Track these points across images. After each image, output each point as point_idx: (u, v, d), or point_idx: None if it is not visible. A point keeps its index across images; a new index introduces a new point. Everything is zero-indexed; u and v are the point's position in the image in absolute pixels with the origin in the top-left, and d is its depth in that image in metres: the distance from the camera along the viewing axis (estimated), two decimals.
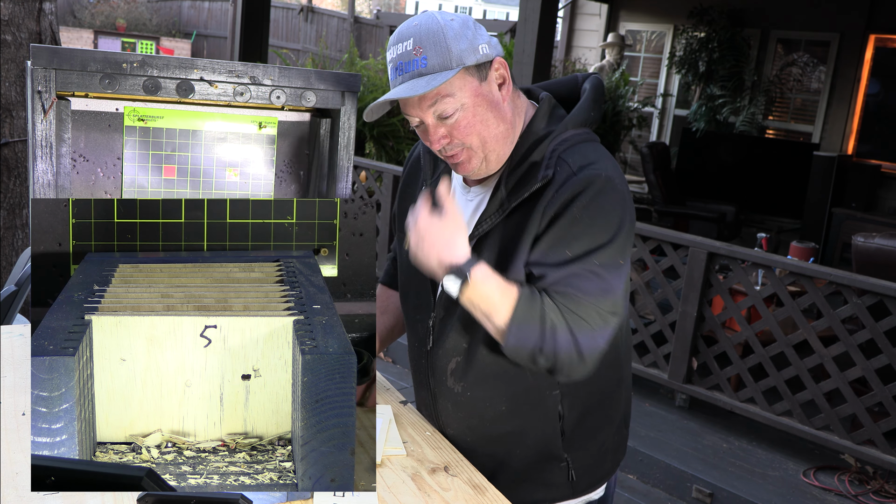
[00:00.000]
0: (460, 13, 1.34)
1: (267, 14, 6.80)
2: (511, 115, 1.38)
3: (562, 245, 1.31)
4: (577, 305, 1.28)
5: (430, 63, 1.29)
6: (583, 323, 1.28)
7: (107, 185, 1.63)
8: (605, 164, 1.34)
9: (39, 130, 1.47)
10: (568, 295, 1.29)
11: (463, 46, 1.30)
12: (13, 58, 3.25)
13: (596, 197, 1.30)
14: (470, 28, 1.32)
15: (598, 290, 1.29)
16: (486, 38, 1.34)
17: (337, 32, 13.49)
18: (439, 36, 1.30)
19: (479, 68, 1.33)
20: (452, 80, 1.30)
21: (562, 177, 1.32)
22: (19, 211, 3.35)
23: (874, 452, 3.33)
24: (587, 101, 1.43)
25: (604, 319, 1.30)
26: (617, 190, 1.32)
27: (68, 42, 12.00)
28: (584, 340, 1.29)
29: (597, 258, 1.29)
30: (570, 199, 1.30)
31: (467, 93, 1.32)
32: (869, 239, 3.64)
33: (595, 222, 1.30)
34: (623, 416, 1.58)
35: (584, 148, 1.37)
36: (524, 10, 4.97)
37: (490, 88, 1.34)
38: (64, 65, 1.46)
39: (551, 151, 1.36)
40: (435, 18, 1.32)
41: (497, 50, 1.35)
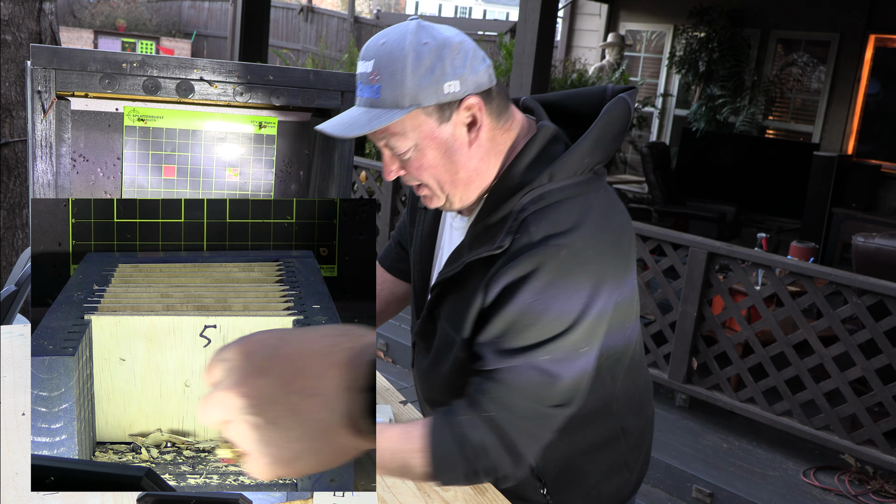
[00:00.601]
0: (445, 34, 1.14)
1: (267, 14, 6.81)
2: (482, 157, 1.19)
3: (507, 334, 1.13)
4: (512, 402, 1.12)
5: (383, 95, 1.12)
6: (518, 422, 1.12)
7: (107, 185, 1.63)
8: (581, 232, 1.12)
9: (39, 130, 1.47)
10: (504, 390, 1.12)
11: (423, 83, 1.11)
12: (13, 58, 3.25)
13: (554, 280, 1.10)
14: (442, 60, 1.11)
15: (541, 384, 1.12)
16: (461, 71, 1.12)
17: (337, 32, 13.49)
18: (398, 66, 1.11)
19: (440, 108, 1.13)
20: (404, 119, 1.13)
21: (517, 247, 1.12)
22: (19, 211, 3.35)
23: (874, 452, 3.32)
24: (589, 141, 1.18)
25: (543, 415, 1.13)
26: (587, 264, 1.12)
27: (68, 42, 12.00)
28: (522, 441, 1.13)
29: (545, 353, 1.11)
30: (520, 278, 1.11)
31: (421, 134, 1.15)
32: (869, 239, 3.64)
33: (549, 311, 1.10)
34: (624, 462, 1.38)
35: (563, 209, 1.14)
36: (524, 10, 4.97)
37: (452, 131, 1.15)
38: (64, 65, 1.46)
39: (519, 210, 1.15)
40: (403, 42, 1.12)
41: (478, 82, 1.15)
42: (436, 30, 1.15)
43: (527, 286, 1.10)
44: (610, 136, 1.21)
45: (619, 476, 1.37)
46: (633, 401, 1.35)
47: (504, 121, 1.21)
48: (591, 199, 1.17)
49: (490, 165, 1.20)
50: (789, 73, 7.81)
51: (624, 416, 1.33)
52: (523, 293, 1.10)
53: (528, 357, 1.11)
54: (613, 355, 1.24)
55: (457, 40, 1.14)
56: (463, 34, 1.18)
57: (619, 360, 1.26)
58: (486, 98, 1.17)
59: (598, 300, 1.13)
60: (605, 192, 1.22)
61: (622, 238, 1.19)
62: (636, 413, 1.36)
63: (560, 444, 1.28)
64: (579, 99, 1.30)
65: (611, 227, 1.18)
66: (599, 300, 1.13)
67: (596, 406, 1.27)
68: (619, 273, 1.18)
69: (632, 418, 1.35)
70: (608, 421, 1.31)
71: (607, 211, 1.19)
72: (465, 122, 1.16)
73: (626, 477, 1.38)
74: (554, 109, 1.31)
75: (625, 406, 1.33)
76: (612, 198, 1.23)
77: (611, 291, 1.15)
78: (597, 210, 1.17)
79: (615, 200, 1.24)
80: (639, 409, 1.37)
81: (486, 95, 1.17)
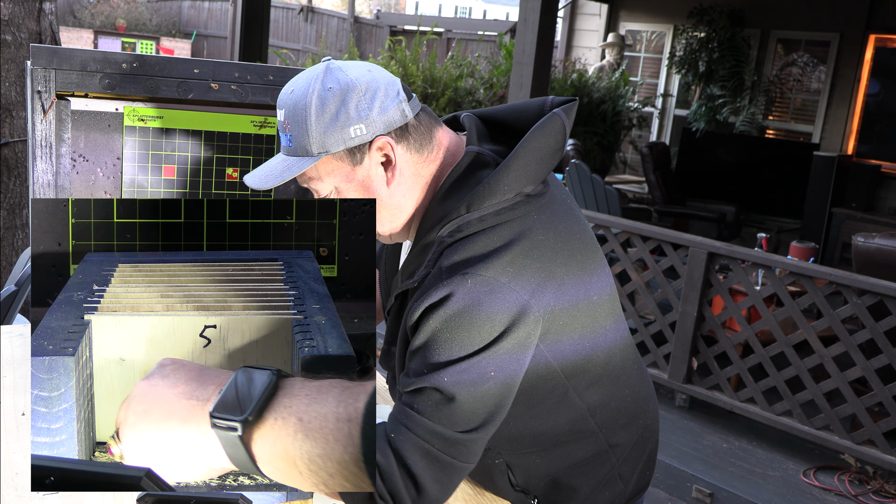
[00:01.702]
0: (351, 77, 1.13)
1: (267, 14, 6.82)
2: (405, 193, 1.18)
3: (414, 358, 1.12)
4: (412, 424, 1.09)
5: (294, 144, 1.14)
6: (419, 446, 1.08)
7: (106, 185, 1.63)
8: (494, 261, 1.09)
9: (39, 130, 1.47)
10: (405, 412, 1.10)
11: (328, 130, 1.11)
12: (13, 58, 3.24)
13: (461, 312, 1.07)
14: (346, 104, 1.11)
15: (439, 405, 1.08)
16: (366, 113, 1.12)
17: (337, 32, 13.49)
18: (302, 116, 1.12)
19: (350, 153, 1.13)
20: (317, 165, 1.14)
21: (429, 279, 1.11)
22: (19, 211, 3.35)
23: (874, 452, 3.33)
24: (512, 165, 1.14)
25: (447, 439, 1.09)
26: (499, 292, 1.08)
27: (68, 42, 12.00)
28: (420, 466, 1.08)
29: (447, 375, 1.07)
30: (429, 307, 1.09)
31: (338, 177, 1.16)
32: (869, 239, 3.64)
33: (455, 338, 1.08)
34: (618, 475, 1.33)
35: (478, 240, 1.11)
36: (524, 10, 4.97)
37: (368, 172, 1.15)
38: (64, 65, 1.46)
39: (438, 243, 1.14)
40: (307, 90, 1.12)
41: (388, 122, 1.13)
42: (343, 72, 1.14)
43: (434, 315, 1.08)
44: (538, 158, 1.16)
45: (613, 488, 1.33)
46: (619, 413, 1.30)
47: (428, 152, 1.19)
48: (516, 226, 1.13)
49: (415, 198, 1.19)
50: (789, 73, 7.82)
51: (609, 430, 1.28)
52: (431, 321, 1.09)
53: (429, 379, 1.08)
54: (570, 366, 1.19)
55: (363, 81, 1.13)
56: (376, 71, 1.16)
57: (583, 371, 1.21)
58: (399, 135, 1.15)
59: (515, 326, 1.09)
60: (539, 214, 1.16)
61: (556, 256, 1.15)
62: (624, 426, 1.31)
63: (540, 462, 1.27)
64: (518, 114, 1.26)
65: (540, 250, 1.13)
66: (517, 326, 1.09)
67: (567, 424, 1.24)
68: (555, 288, 1.14)
69: (620, 431, 1.30)
70: (589, 437, 1.27)
71: (538, 235, 1.14)
72: (380, 162, 1.16)
73: (621, 488, 1.34)
74: (495, 125, 1.28)
75: (607, 420, 1.28)
76: (552, 219, 1.18)
77: (539, 310, 1.11)
78: (524, 236, 1.13)
79: (556, 220, 1.18)
80: (628, 422, 1.32)
81: (401, 132, 1.15)
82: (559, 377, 1.19)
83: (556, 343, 1.16)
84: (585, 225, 1.27)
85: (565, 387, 1.21)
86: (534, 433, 1.24)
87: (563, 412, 1.23)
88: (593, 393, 1.24)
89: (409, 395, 1.12)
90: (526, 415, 1.22)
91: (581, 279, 1.19)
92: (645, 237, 3.95)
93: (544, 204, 1.18)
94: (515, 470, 1.29)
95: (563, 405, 1.22)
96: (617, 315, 1.28)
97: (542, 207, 1.17)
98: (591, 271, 1.21)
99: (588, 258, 1.21)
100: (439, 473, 1.10)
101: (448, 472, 1.10)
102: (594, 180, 5.45)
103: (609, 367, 1.26)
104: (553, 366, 1.17)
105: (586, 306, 1.19)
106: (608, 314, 1.25)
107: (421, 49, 8.07)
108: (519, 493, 1.31)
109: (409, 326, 1.13)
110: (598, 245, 1.28)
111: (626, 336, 1.32)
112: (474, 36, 11.27)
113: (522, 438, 1.25)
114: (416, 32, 9.03)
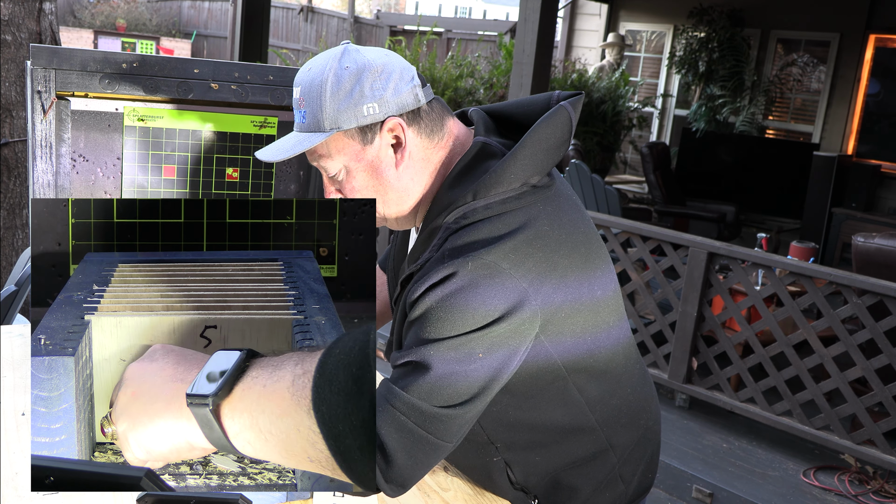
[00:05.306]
0: (368, 58, 1.16)
1: (267, 14, 6.82)
2: (413, 176, 1.20)
3: (409, 333, 1.13)
4: (390, 394, 1.09)
5: (308, 120, 1.17)
6: (393, 416, 1.08)
7: (106, 185, 1.63)
8: (497, 247, 1.10)
9: (39, 130, 1.47)
10: (386, 385, 1.11)
11: (342, 106, 1.14)
12: (13, 58, 3.24)
13: (457, 292, 1.08)
14: (361, 83, 1.14)
15: (421, 377, 1.08)
16: (381, 93, 1.14)
17: (337, 32, 13.50)
18: (318, 91, 1.15)
19: (362, 131, 1.16)
20: (328, 141, 1.17)
21: (432, 264, 1.12)
22: (19, 211, 3.35)
23: (874, 452, 3.33)
24: (519, 155, 1.16)
25: (424, 413, 1.08)
26: (498, 277, 1.08)
27: (68, 42, 12.00)
28: (392, 438, 1.08)
29: (436, 349, 1.08)
30: (429, 287, 1.10)
31: (347, 156, 1.18)
32: (869, 239, 3.64)
33: (450, 315, 1.08)
34: (618, 475, 1.33)
35: (483, 227, 1.12)
36: (524, 10, 4.97)
37: (378, 153, 1.18)
38: (64, 65, 1.46)
39: (444, 229, 1.15)
40: (324, 67, 1.15)
41: (401, 104, 1.16)
42: (360, 54, 1.16)
43: (432, 293, 1.09)
44: (544, 149, 1.17)
45: (614, 490, 1.33)
46: (619, 411, 1.30)
47: (438, 138, 1.21)
48: (521, 215, 1.14)
49: (423, 183, 1.21)
50: (789, 73, 7.82)
51: (609, 428, 1.29)
52: (428, 299, 1.10)
53: (416, 352, 1.09)
54: (573, 361, 1.20)
55: (379, 63, 1.16)
56: (392, 56, 1.18)
57: (585, 366, 1.21)
58: (411, 118, 1.18)
59: (510, 314, 1.09)
60: (544, 206, 1.17)
61: (560, 248, 1.15)
62: (625, 425, 1.31)
63: (539, 460, 1.28)
64: (525, 108, 1.28)
65: (544, 240, 1.14)
66: (512, 314, 1.10)
67: (568, 419, 1.24)
68: (556, 280, 1.14)
69: (621, 431, 1.31)
70: (589, 435, 1.27)
71: (543, 225, 1.15)
72: (390, 144, 1.18)
73: (622, 490, 1.34)
74: (502, 120, 1.30)
75: (609, 419, 1.28)
76: (557, 211, 1.19)
77: (538, 301, 1.12)
78: (529, 226, 1.13)
79: (561, 213, 1.19)
80: (629, 422, 1.32)
81: (412, 116, 1.18)
82: (560, 370, 1.19)
83: (557, 336, 1.16)
84: (590, 221, 1.27)
85: (566, 380, 1.21)
86: (531, 424, 1.25)
87: (561, 405, 1.23)
88: (594, 388, 1.25)
89: (395, 370, 1.12)
90: (524, 404, 1.23)
91: (585, 273, 1.19)
92: (645, 237, 3.95)
93: (550, 196, 1.19)
94: (514, 468, 1.29)
95: (563, 398, 1.23)
96: (621, 314, 1.29)
97: (547, 199, 1.19)
98: (595, 267, 1.22)
99: (592, 253, 1.22)
100: (413, 448, 1.09)
101: (423, 446, 1.09)
102: (594, 180, 5.45)
103: (612, 365, 1.26)
104: (555, 359, 1.18)
105: (590, 301, 1.20)
106: (612, 312, 1.25)
107: (421, 49, 8.07)
108: (518, 491, 1.31)
109: (409, 303, 1.14)
110: (603, 243, 1.28)
111: (629, 335, 1.32)
112: (474, 36, 11.27)
113: (520, 429, 1.25)
114: (416, 32, 9.03)
